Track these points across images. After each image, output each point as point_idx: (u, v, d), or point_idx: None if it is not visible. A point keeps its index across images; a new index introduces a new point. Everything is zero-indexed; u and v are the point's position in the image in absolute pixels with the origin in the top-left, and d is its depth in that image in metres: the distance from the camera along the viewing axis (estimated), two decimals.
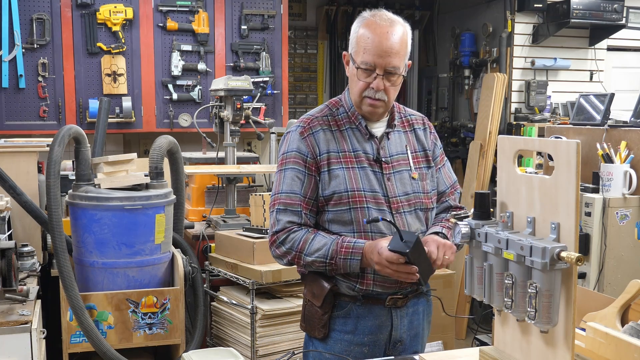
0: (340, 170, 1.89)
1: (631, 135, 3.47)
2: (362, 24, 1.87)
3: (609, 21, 4.92)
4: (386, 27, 1.84)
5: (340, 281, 1.92)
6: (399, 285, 1.92)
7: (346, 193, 1.88)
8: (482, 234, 1.42)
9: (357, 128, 1.95)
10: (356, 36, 1.89)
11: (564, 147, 1.27)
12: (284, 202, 1.90)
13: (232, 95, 3.79)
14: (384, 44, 1.83)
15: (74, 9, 4.40)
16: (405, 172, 1.96)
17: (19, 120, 4.38)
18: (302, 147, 1.91)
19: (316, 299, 1.95)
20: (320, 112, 1.99)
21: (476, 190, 4.41)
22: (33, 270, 2.86)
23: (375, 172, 1.92)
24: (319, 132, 1.93)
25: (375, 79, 1.86)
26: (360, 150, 1.93)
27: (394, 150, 1.97)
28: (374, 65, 1.85)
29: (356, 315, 1.94)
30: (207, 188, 4.02)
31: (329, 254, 1.85)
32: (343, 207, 1.89)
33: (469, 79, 5.58)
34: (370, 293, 1.92)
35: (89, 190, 2.76)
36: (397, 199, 1.92)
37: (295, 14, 5.99)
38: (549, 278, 1.28)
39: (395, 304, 1.95)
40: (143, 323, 2.78)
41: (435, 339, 2.04)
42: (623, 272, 3.40)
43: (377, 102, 1.90)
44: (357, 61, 1.87)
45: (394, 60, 1.85)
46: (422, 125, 2.07)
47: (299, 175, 1.90)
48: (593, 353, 1.51)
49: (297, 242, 1.88)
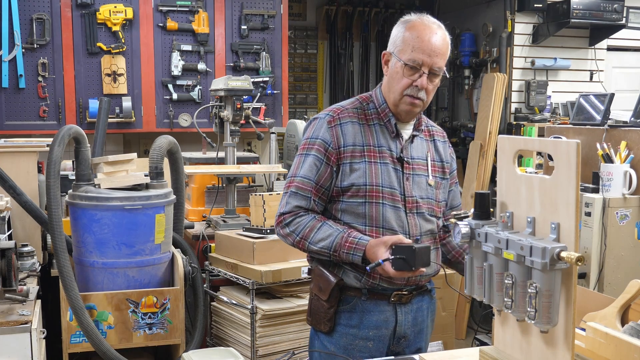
0: (362, 163, 1.93)
1: (631, 135, 3.47)
2: (409, 25, 1.93)
3: (609, 21, 4.92)
4: (435, 29, 1.92)
5: (347, 271, 1.96)
6: (405, 282, 1.97)
7: (364, 187, 1.92)
8: (482, 234, 1.42)
9: (385, 125, 2.00)
10: (402, 36, 1.93)
11: (564, 147, 1.27)
12: (298, 185, 1.95)
13: (232, 95, 3.79)
14: (432, 43, 1.89)
15: (74, 9, 4.40)
16: (423, 176, 2.01)
17: (19, 120, 4.38)
18: (327, 136, 1.95)
19: (322, 293, 1.99)
20: (351, 104, 2.03)
21: (476, 190, 4.41)
22: (33, 270, 2.86)
23: (396, 169, 1.97)
24: (347, 124, 1.96)
25: (420, 77, 1.90)
26: (385, 147, 1.97)
27: (415, 154, 2.02)
28: (422, 64, 1.90)
29: (361, 310, 1.97)
30: (207, 188, 4.02)
31: (333, 246, 1.89)
32: (359, 200, 1.93)
33: (469, 79, 5.58)
34: (375, 288, 1.96)
35: (89, 190, 2.76)
36: (413, 199, 1.97)
37: (295, 14, 6.00)
38: (549, 278, 1.28)
39: (400, 300, 1.99)
40: (143, 323, 2.78)
41: (435, 339, 2.05)
42: (623, 272, 3.39)
43: (417, 101, 1.94)
44: (404, 58, 1.91)
45: (439, 61, 1.91)
46: (442, 138, 2.14)
47: (316, 163, 1.94)
48: (593, 353, 1.50)
49: (302, 227, 1.93)
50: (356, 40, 6.35)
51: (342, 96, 6.16)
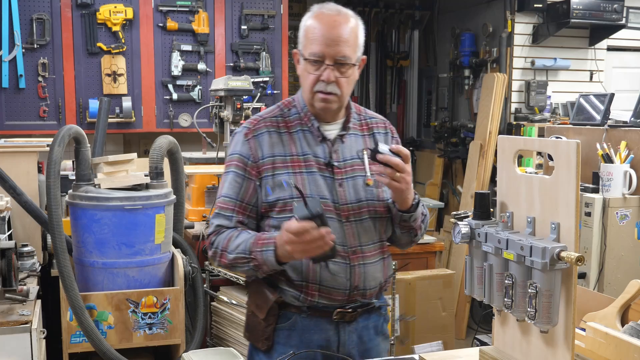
0: (286, 175, 1.77)
1: (631, 135, 3.47)
2: (309, 17, 1.78)
3: (609, 21, 4.93)
4: (333, 16, 1.75)
5: (285, 290, 1.80)
6: (346, 298, 1.80)
7: (291, 200, 1.75)
8: (482, 234, 1.42)
9: (308, 130, 1.83)
10: (304, 30, 1.79)
11: (564, 147, 1.27)
12: (219, 205, 1.83)
13: (232, 95, 3.79)
14: (331, 32, 1.73)
15: (74, 9, 4.41)
16: (359, 177, 1.83)
17: (19, 120, 4.38)
18: (245, 149, 1.81)
19: (260, 311, 1.83)
20: (271, 112, 1.87)
21: (476, 190, 4.41)
22: (33, 270, 2.86)
23: (325, 177, 1.80)
24: (263, 135, 1.81)
25: (325, 70, 1.74)
26: (310, 154, 1.80)
27: (348, 154, 1.84)
28: (323, 56, 1.73)
29: (301, 328, 1.81)
30: (207, 188, 4.01)
31: (248, 247, 1.73)
32: (288, 214, 1.73)
33: (469, 79, 5.58)
34: (316, 305, 1.79)
35: (89, 190, 2.76)
36: (347, 206, 1.79)
37: (295, 14, 5.99)
38: (549, 278, 1.28)
39: (343, 318, 1.82)
40: (143, 323, 2.78)
41: (435, 339, 2.05)
42: (623, 272, 3.40)
43: (330, 97, 1.77)
44: (306, 54, 1.76)
45: (343, 49, 1.73)
46: (383, 129, 1.94)
47: (237, 180, 1.81)
48: (593, 353, 1.51)
49: (222, 240, 1.79)
50: None
51: None
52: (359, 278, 1.80)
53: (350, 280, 1.78)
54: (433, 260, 3.96)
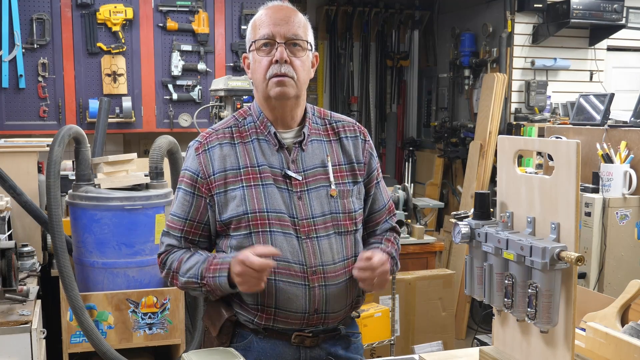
0: (239, 190, 1.63)
1: (631, 135, 3.47)
2: (255, 16, 1.73)
3: (609, 21, 4.93)
4: (280, 5, 1.70)
5: (238, 313, 1.68)
6: (305, 322, 1.65)
7: (246, 216, 1.62)
8: (482, 234, 1.42)
9: (264, 139, 1.68)
10: (251, 23, 1.71)
11: (564, 147, 1.27)
12: (168, 224, 1.73)
13: (232, 95, 3.78)
14: (279, 13, 1.66)
15: (74, 9, 4.40)
16: (323, 188, 1.67)
17: (19, 120, 4.38)
18: (194, 165, 1.68)
19: (213, 327, 1.70)
20: (225, 123, 1.74)
21: (476, 190, 4.41)
22: (33, 270, 2.86)
23: (281, 189, 1.65)
24: (214, 148, 1.67)
25: (277, 50, 1.62)
26: (265, 165, 1.65)
27: (310, 163, 1.69)
28: (273, 36, 1.63)
29: (258, 350, 1.67)
30: None
31: (200, 272, 1.62)
32: (244, 232, 1.63)
33: (469, 79, 5.58)
34: (272, 327, 1.66)
35: (89, 190, 2.76)
36: (308, 221, 1.64)
37: None
38: (549, 278, 1.28)
39: (303, 342, 1.66)
40: (143, 323, 2.78)
41: (435, 339, 2.05)
42: (623, 272, 3.40)
43: (285, 79, 1.62)
44: (256, 42, 1.66)
45: (293, 28, 1.64)
46: (352, 133, 1.77)
47: (187, 198, 1.69)
48: (593, 353, 1.51)
49: (174, 261, 1.69)
50: (356, 41, 6.35)
51: (342, 96, 6.17)
52: (320, 301, 1.64)
53: (309, 303, 1.63)
54: (433, 260, 3.97)
